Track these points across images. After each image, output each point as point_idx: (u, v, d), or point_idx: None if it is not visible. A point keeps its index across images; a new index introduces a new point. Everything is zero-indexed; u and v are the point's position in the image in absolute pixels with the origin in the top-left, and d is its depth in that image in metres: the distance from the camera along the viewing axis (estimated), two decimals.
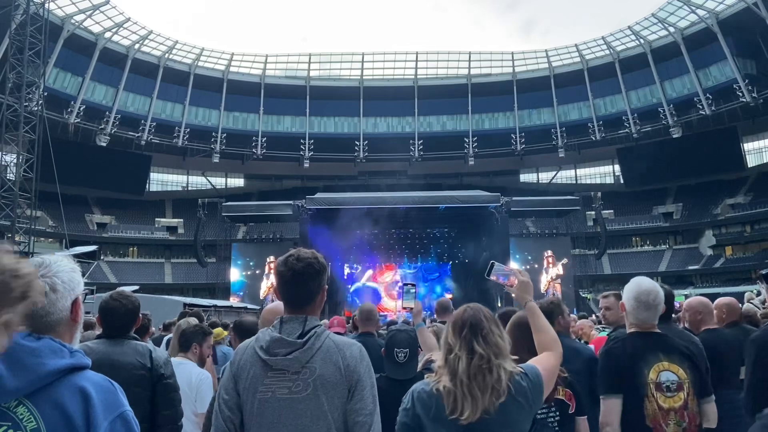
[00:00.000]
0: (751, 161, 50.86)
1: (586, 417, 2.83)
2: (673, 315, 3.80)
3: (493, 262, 2.57)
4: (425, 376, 2.19)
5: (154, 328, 9.33)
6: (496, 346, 2.04)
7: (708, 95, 46.80)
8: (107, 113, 47.58)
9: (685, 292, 32.41)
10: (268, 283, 32.83)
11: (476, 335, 2.05)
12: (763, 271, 2.38)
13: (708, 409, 2.75)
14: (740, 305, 4.99)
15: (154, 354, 2.92)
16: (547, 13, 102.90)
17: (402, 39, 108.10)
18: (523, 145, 53.10)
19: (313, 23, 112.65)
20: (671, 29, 47.50)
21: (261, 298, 32.11)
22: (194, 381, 3.59)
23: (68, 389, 1.36)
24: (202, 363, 3.88)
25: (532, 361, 2.24)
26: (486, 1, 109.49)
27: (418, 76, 55.15)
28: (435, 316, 5.63)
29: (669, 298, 3.63)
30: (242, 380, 2.00)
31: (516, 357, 2.12)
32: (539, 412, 2.24)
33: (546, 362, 2.24)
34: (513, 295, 2.51)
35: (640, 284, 2.92)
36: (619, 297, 3.67)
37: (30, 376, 1.32)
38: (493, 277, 2.52)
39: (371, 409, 2.00)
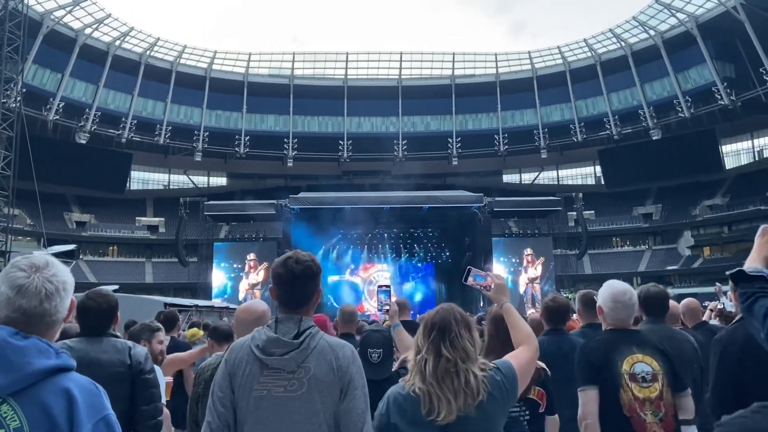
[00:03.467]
0: (729, 163, 51.71)
1: (556, 415, 2.93)
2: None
3: (470, 268, 2.66)
4: (400, 379, 2.22)
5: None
6: (464, 350, 2.07)
7: (687, 98, 47.47)
8: (87, 110, 46.96)
9: None
10: (246, 283, 32.61)
11: (444, 338, 2.08)
12: (728, 272, 2.37)
13: (685, 403, 2.86)
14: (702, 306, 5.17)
15: (133, 350, 2.92)
16: (536, 15, 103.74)
17: (390, 40, 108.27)
18: (506, 146, 53.43)
19: (299, 24, 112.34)
20: (652, 32, 48.11)
21: (240, 298, 31.84)
22: None
23: (53, 390, 1.37)
24: (153, 359, 3.85)
25: (508, 356, 2.29)
26: (477, 4, 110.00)
27: (403, 76, 55.23)
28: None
29: (664, 298, 3.72)
30: (237, 378, 2.04)
31: (484, 361, 2.15)
32: (511, 410, 2.28)
33: (521, 356, 2.29)
34: (489, 296, 2.59)
35: (614, 286, 3.05)
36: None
37: (16, 374, 1.33)
38: (470, 282, 2.60)
39: (363, 409, 2.04)
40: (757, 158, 50.94)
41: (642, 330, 3.15)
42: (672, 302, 4.62)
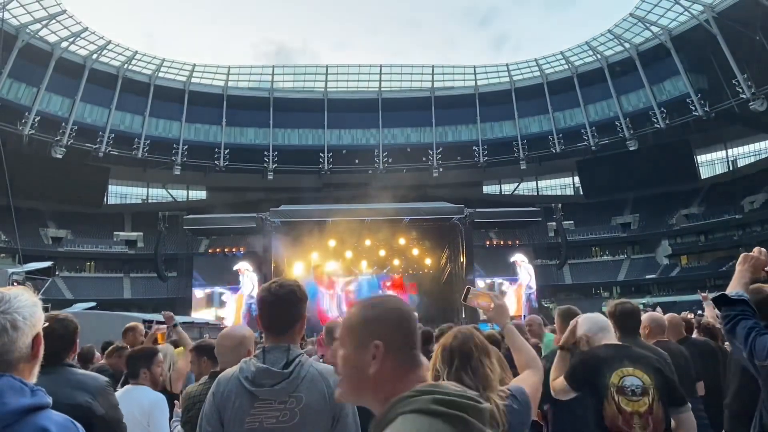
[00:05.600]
0: (704, 173, 52.73)
1: None
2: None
3: (469, 287, 2.62)
4: None
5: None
6: (485, 378, 2.04)
7: (662, 109, 48.32)
8: (63, 124, 46.35)
9: (643, 301, 33.24)
10: (242, 296, 32.29)
11: (465, 366, 2.05)
12: (711, 295, 2.59)
13: (684, 419, 2.84)
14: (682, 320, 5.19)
15: (90, 385, 2.58)
16: (517, 29, 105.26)
17: (371, 54, 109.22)
18: (486, 157, 53.86)
19: (282, 39, 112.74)
20: (627, 45, 48.99)
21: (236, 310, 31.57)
22: (146, 406, 3.41)
23: (29, 429, 1.32)
24: (155, 385, 3.68)
25: (517, 381, 2.28)
26: (459, 18, 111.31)
27: (383, 89, 55.48)
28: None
29: (636, 314, 3.69)
30: (228, 411, 2.01)
31: (501, 389, 2.12)
32: None
33: (530, 381, 2.28)
34: (490, 318, 2.55)
35: (590, 318, 3.19)
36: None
37: None
38: (470, 303, 2.55)
39: None
40: (731, 168, 51.95)
41: (634, 345, 3.18)
42: (657, 315, 4.64)
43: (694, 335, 5.48)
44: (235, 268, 33.03)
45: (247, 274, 32.68)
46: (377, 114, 54.94)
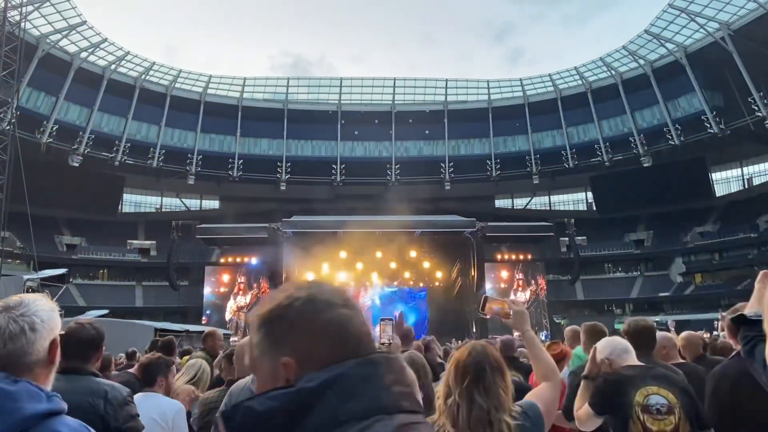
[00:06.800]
0: (720, 191, 52.25)
1: None
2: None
3: (486, 296, 2.57)
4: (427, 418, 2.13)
5: (122, 356, 8.99)
6: (498, 398, 1.98)
7: (677, 125, 48.03)
8: (81, 133, 46.99)
9: (657, 319, 32.85)
10: (234, 305, 32.41)
11: (478, 386, 1.99)
12: (730, 316, 2.46)
13: None
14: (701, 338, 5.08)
15: (110, 395, 2.57)
16: (533, 45, 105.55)
17: (386, 69, 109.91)
18: (498, 171, 53.78)
19: (300, 52, 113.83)
20: (641, 61, 48.88)
21: (227, 318, 31.63)
22: (169, 415, 3.39)
23: None
24: (167, 394, 3.69)
25: (531, 395, 2.22)
26: (475, 33, 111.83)
27: (396, 102, 55.71)
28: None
29: (651, 332, 3.59)
30: None
31: (512, 407, 2.05)
32: None
33: (545, 396, 2.22)
34: (509, 325, 2.49)
35: (610, 341, 3.15)
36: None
37: (6, 421, 1.29)
38: (487, 313, 2.50)
39: None
40: (746, 186, 51.46)
41: (658, 365, 3.12)
42: (668, 335, 4.56)
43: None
44: (239, 281, 32.96)
45: (246, 293, 32.64)
46: (390, 126, 55.15)
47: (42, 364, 1.46)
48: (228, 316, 32.17)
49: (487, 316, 2.51)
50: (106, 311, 27.87)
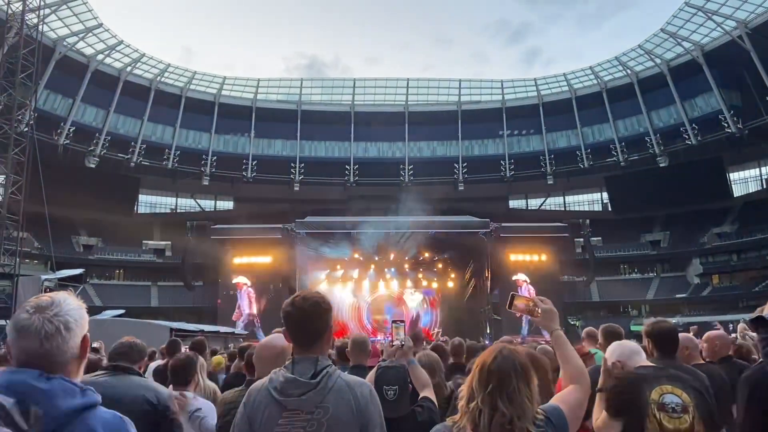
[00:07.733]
0: (737, 191, 51.51)
1: None
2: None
3: (513, 294, 2.48)
4: (416, 411, 2.14)
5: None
6: (521, 407, 1.91)
7: (694, 125, 47.51)
8: (97, 135, 47.52)
9: (673, 321, 32.50)
10: (248, 305, 32.52)
11: (502, 392, 1.92)
12: (749, 318, 2.39)
13: None
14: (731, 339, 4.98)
15: (159, 390, 2.95)
16: (549, 45, 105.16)
17: (401, 69, 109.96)
18: (512, 172, 53.55)
19: (315, 53, 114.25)
20: (657, 60, 48.41)
21: (233, 320, 31.80)
22: (203, 412, 3.64)
23: (81, 429, 1.38)
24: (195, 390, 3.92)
25: (557, 399, 2.16)
26: (490, 33, 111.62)
27: (409, 102, 55.68)
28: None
29: (674, 333, 3.52)
30: (257, 421, 2.03)
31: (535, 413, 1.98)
32: None
33: (572, 400, 2.15)
34: (537, 323, 2.43)
35: (620, 345, 3.14)
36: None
37: (44, 418, 1.33)
38: (515, 310, 2.43)
39: None
40: (765, 186, 50.71)
41: (672, 367, 3.08)
42: (689, 335, 4.48)
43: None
44: (234, 281, 33.12)
45: (245, 289, 32.75)
46: (404, 127, 55.12)
47: (75, 359, 1.51)
48: (234, 317, 32.31)
49: (516, 315, 2.46)
50: (122, 311, 28.13)
